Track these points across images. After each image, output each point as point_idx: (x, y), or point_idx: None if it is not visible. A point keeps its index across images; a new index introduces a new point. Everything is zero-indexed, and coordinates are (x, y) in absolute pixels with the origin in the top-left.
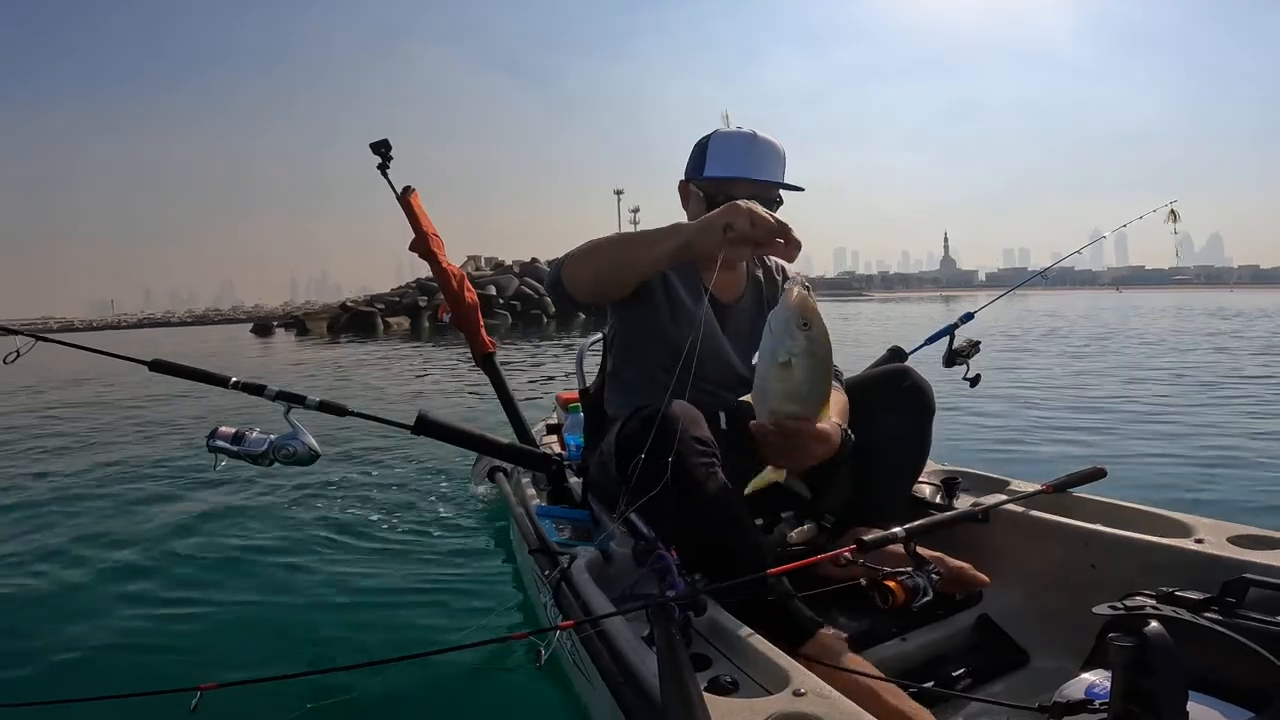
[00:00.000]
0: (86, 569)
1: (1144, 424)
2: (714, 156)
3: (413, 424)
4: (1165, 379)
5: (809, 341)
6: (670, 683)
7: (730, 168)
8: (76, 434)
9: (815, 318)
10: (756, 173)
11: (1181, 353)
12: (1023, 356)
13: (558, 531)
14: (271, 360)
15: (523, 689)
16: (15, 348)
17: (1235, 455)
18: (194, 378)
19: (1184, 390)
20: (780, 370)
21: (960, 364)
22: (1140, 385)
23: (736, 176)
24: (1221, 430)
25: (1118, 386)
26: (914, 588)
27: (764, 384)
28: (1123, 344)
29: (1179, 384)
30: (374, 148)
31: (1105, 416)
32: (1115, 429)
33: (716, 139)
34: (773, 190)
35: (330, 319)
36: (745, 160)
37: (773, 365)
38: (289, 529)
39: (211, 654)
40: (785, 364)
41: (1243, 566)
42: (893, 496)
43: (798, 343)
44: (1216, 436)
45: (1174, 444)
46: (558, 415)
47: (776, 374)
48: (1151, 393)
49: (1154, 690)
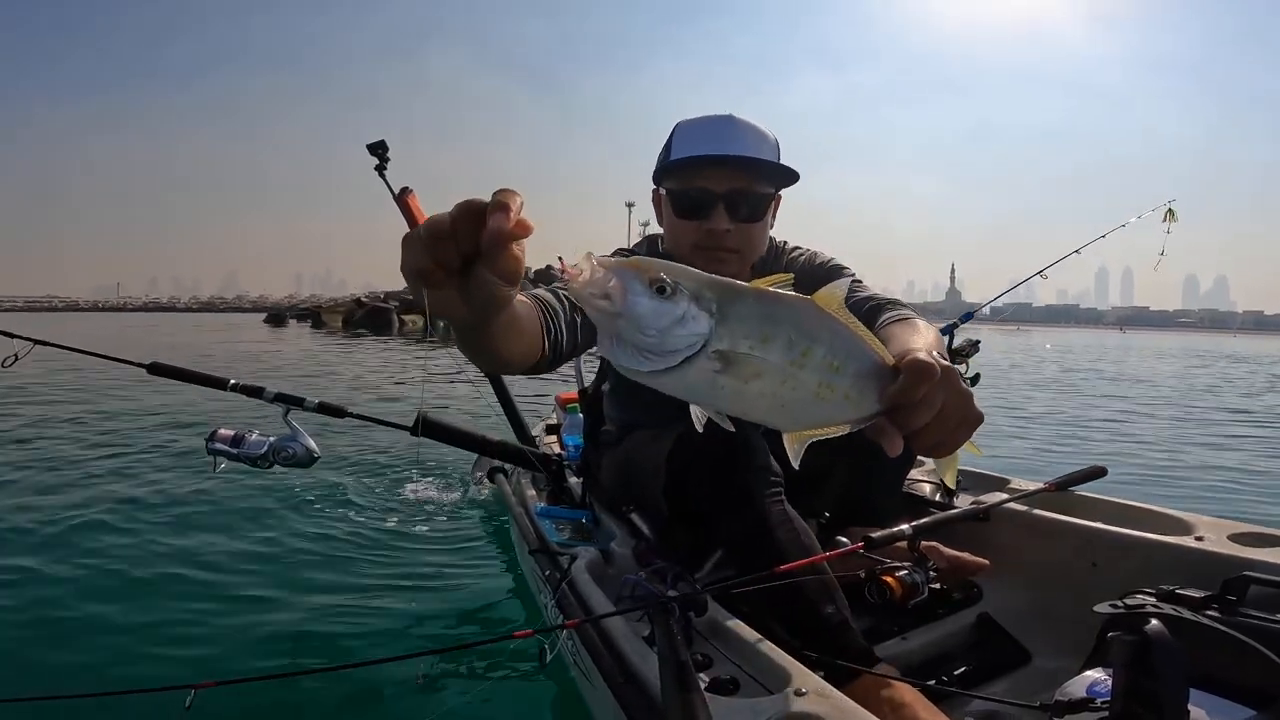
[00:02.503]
0: (83, 568)
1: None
2: (680, 139)
3: (412, 425)
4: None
5: (695, 295)
6: (671, 683)
7: (696, 145)
8: (76, 434)
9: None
10: (730, 147)
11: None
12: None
13: (558, 531)
14: (305, 358)
15: (524, 689)
16: (14, 351)
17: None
18: (192, 380)
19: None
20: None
21: (960, 363)
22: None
23: (704, 155)
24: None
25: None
26: (912, 584)
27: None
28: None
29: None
30: (371, 149)
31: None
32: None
33: (682, 123)
34: (753, 181)
35: (345, 313)
36: (716, 137)
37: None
38: (288, 530)
39: (209, 653)
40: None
41: (1243, 564)
42: (887, 494)
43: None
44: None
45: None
46: (557, 415)
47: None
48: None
49: (1155, 688)
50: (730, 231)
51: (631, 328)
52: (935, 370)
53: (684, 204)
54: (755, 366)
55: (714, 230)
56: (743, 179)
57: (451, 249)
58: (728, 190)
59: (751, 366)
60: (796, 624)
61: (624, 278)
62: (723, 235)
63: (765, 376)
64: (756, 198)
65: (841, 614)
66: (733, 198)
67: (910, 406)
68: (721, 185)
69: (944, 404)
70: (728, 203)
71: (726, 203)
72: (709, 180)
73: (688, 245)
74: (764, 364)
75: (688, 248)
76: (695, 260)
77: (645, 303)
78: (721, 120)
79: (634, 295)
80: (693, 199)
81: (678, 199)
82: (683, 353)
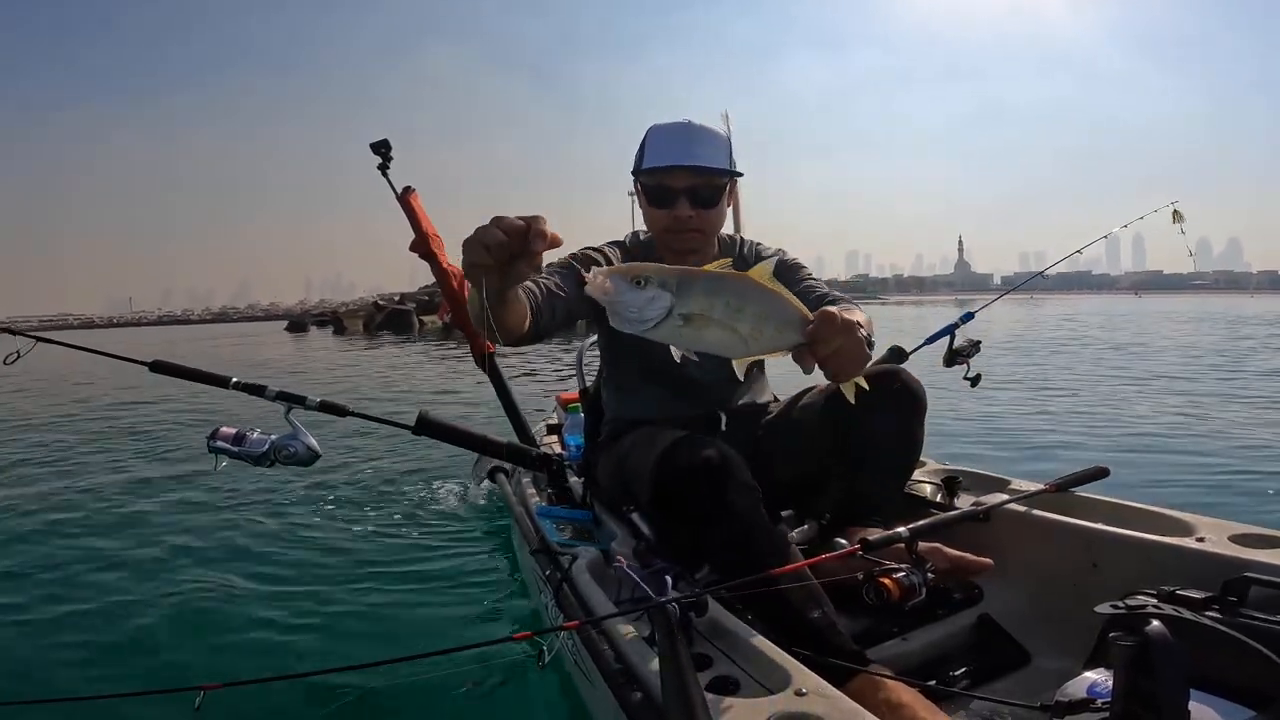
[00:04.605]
0: (88, 568)
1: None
2: (650, 149)
3: (413, 424)
4: None
5: (670, 286)
6: (672, 683)
7: (663, 156)
8: (76, 434)
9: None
10: (689, 159)
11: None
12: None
13: (558, 532)
14: (356, 365)
15: (524, 689)
16: (16, 349)
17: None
18: (194, 378)
19: None
20: (702, 332)
21: (960, 363)
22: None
23: (669, 165)
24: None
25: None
26: (909, 586)
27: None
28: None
29: None
30: (374, 148)
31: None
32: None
33: (652, 131)
34: (708, 179)
35: (366, 316)
36: (678, 148)
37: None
38: (290, 530)
39: (213, 654)
40: (696, 325)
41: (1244, 565)
42: (886, 496)
43: (663, 298)
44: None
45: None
46: (558, 415)
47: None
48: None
49: (1156, 689)
50: (692, 216)
51: (622, 306)
52: (837, 319)
53: (654, 197)
54: (705, 320)
55: (679, 216)
56: (699, 178)
57: (505, 252)
58: (686, 186)
59: (702, 320)
60: (784, 631)
61: (614, 278)
62: (686, 220)
63: (713, 326)
64: (710, 190)
65: (829, 619)
66: (691, 191)
67: (818, 342)
68: (682, 183)
69: (842, 345)
70: (688, 195)
71: (687, 195)
72: (673, 179)
73: (659, 228)
74: (710, 319)
75: (660, 229)
76: (667, 238)
77: (627, 291)
78: (681, 130)
79: (620, 287)
80: (661, 194)
81: (650, 193)
82: (656, 318)
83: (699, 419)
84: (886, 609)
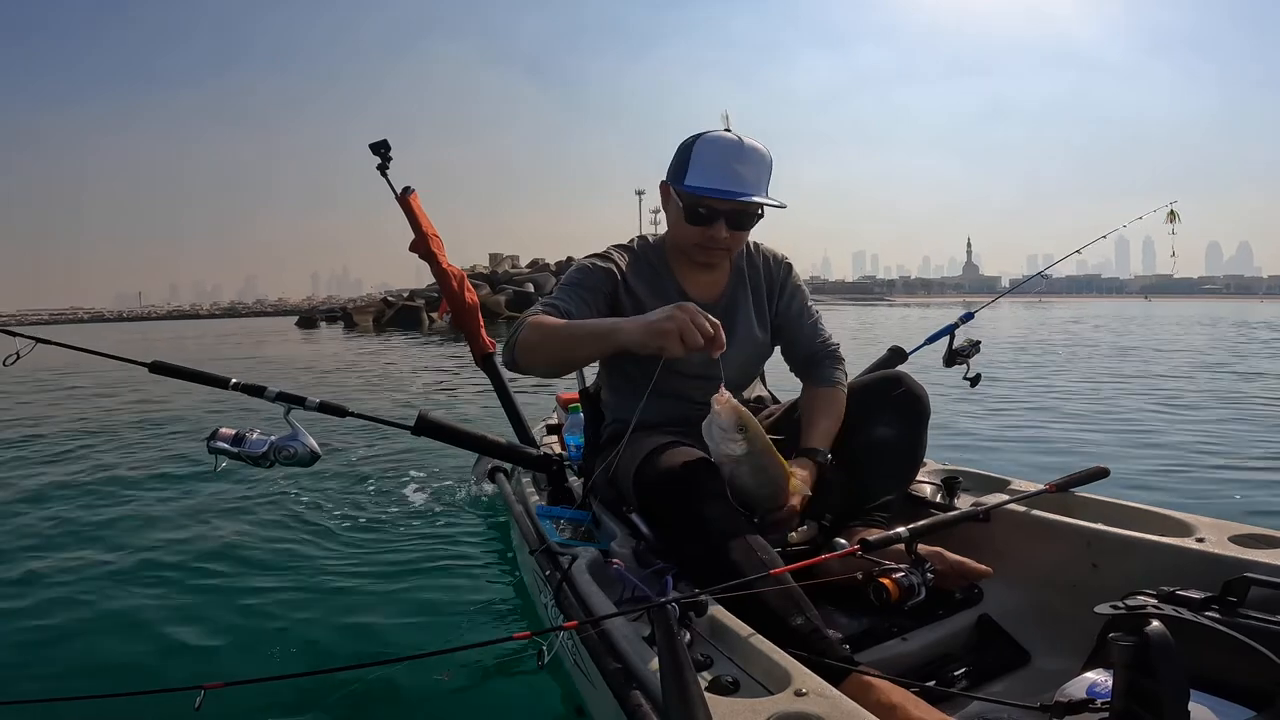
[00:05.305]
0: (89, 568)
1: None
2: (696, 164)
3: (413, 425)
4: None
5: (749, 443)
6: (671, 683)
7: (711, 179)
8: (77, 434)
9: (749, 421)
10: (738, 187)
11: None
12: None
13: (558, 532)
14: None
15: (524, 689)
16: (15, 349)
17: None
18: (194, 379)
19: None
20: (736, 468)
21: (960, 364)
22: None
23: (716, 192)
24: None
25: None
26: (909, 586)
27: (733, 479)
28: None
29: None
30: (374, 148)
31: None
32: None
33: (701, 145)
34: (752, 207)
35: (376, 312)
36: (727, 174)
37: (727, 465)
38: (290, 530)
39: (213, 653)
40: (738, 459)
41: (1244, 566)
42: (888, 500)
43: (739, 447)
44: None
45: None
46: (558, 415)
47: (734, 471)
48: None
49: (1155, 689)
50: (726, 238)
51: (720, 434)
52: (796, 508)
53: (693, 215)
54: (745, 468)
55: (715, 236)
56: (743, 204)
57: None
58: (730, 210)
59: (745, 460)
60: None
61: (732, 417)
62: (721, 240)
63: (744, 477)
64: (750, 217)
65: (812, 624)
66: (733, 215)
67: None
68: (726, 206)
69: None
70: (728, 220)
71: (727, 219)
72: (718, 201)
73: (690, 242)
74: (748, 470)
75: (690, 244)
76: (694, 251)
77: (733, 430)
78: (733, 151)
79: (732, 423)
80: (701, 214)
81: (689, 210)
82: (730, 452)
83: (698, 420)
84: (886, 609)
